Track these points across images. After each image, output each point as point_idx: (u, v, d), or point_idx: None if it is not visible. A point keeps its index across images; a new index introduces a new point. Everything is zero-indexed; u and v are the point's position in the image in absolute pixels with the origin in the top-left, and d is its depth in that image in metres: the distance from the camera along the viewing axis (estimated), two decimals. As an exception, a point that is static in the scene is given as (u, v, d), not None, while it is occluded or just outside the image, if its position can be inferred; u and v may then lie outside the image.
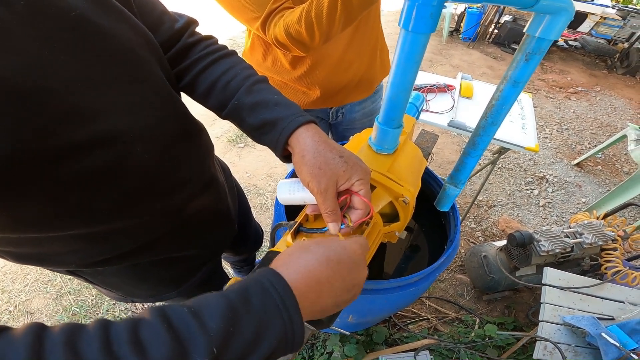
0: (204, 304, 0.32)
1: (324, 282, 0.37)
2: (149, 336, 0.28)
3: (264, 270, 0.37)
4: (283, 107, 0.53)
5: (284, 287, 0.34)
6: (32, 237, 0.45)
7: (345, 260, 0.40)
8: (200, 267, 0.76)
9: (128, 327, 0.29)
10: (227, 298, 0.33)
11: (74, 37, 0.38)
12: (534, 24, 0.45)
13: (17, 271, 1.74)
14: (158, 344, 0.28)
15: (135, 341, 0.28)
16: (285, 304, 0.33)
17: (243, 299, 0.33)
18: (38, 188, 0.37)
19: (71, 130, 0.38)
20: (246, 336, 0.31)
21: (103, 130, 0.41)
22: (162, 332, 0.29)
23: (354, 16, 0.76)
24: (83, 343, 0.27)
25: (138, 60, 0.46)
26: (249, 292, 0.34)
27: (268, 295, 0.33)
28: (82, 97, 0.38)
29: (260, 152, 2.50)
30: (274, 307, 0.33)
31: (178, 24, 0.59)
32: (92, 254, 0.53)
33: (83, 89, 0.39)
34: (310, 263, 0.38)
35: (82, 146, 0.39)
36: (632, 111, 3.56)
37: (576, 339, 1.14)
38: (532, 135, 1.45)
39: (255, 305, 0.33)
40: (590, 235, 1.33)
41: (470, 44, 4.62)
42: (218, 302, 0.32)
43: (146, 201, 0.51)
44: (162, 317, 0.30)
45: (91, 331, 0.28)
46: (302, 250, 0.40)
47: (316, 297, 0.37)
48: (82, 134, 0.39)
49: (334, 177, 0.47)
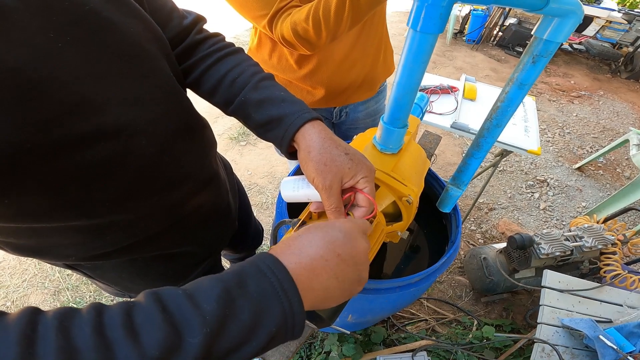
0: (199, 287, 0.31)
1: (324, 264, 0.36)
2: (143, 320, 0.28)
3: (260, 254, 0.36)
4: (289, 103, 0.54)
5: (282, 270, 0.33)
6: (30, 227, 0.45)
7: (341, 237, 0.38)
8: (199, 263, 0.76)
9: (122, 311, 0.28)
10: (222, 281, 0.32)
11: (85, 31, 0.38)
12: (542, 26, 0.45)
13: (16, 266, 1.74)
14: (152, 328, 0.28)
15: (128, 325, 0.27)
16: (283, 287, 0.32)
17: (238, 281, 0.32)
18: (38, 178, 0.38)
19: (77, 122, 0.38)
20: (243, 320, 0.30)
21: (108, 123, 0.41)
22: (156, 315, 0.28)
23: (362, 16, 0.76)
24: (75, 327, 0.27)
25: (146, 55, 0.46)
26: (245, 274, 0.33)
27: (265, 279, 0.32)
28: (89, 89, 0.39)
29: (261, 150, 2.50)
30: (271, 291, 0.32)
31: (186, 20, 0.59)
32: (91, 247, 0.53)
33: (90, 81, 0.39)
34: (308, 246, 0.36)
35: (86, 138, 0.39)
36: (635, 116, 3.56)
37: (574, 342, 1.14)
38: (535, 138, 1.45)
39: (252, 288, 0.32)
40: (590, 239, 1.33)
41: (474, 46, 4.61)
42: (213, 285, 0.31)
43: (146, 195, 0.51)
44: (156, 300, 0.30)
45: (85, 315, 0.28)
46: (300, 234, 0.39)
47: (316, 280, 0.35)
48: (88, 126, 0.39)
49: (339, 174, 0.47)
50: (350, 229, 0.40)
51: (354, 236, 0.40)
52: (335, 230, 0.39)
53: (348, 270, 0.38)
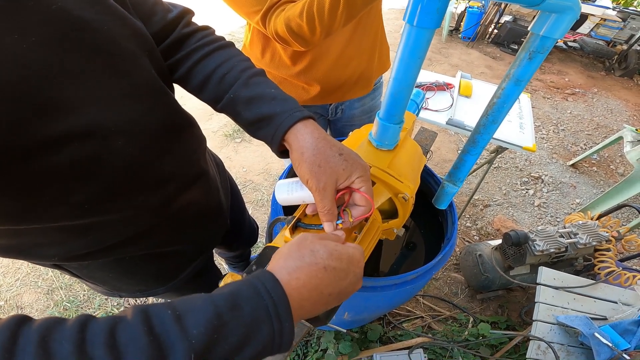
0: (190, 309, 0.31)
1: (324, 291, 0.37)
2: (127, 339, 0.28)
3: (261, 272, 0.36)
4: (280, 101, 0.52)
5: (281, 294, 0.34)
6: (11, 228, 0.43)
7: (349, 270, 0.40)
8: (190, 263, 0.75)
9: (106, 328, 0.28)
10: (215, 304, 0.32)
11: (54, 31, 0.37)
12: (539, 23, 0.44)
13: (9, 265, 1.72)
14: (135, 349, 0.27)
15: (111, 344, 0.27)
16: (277, 311, 0.33)
17: (233, 305, 0.32)
18: (8, 182, 0.36)
19: (46, 124, 0.37)
20: (231, 342, 0.31)
21: (80, 124, 0.40)
22: (141, 335, 0.28)
23: (356, 12, 0.75)
24: (56, 343, 0.26)
25: (123, 52, 0.44)
26: (241, 297, 0.33)
27: (260, 302, 0.33)
28: (59, 90, 0.37)
29: (257, 147, 2.49)
30: (264, 314, 0.33)
31: (171, 14, 0.57)
32: (73, 247, 0.52)
33: (60, 82, 0.38)
34: (313, 270, 0.37)
35: (57, 140, 0.38)
36: (629, 113, 3.59)
37: (569, 339, 1.15)
38: (530, 135, 1.45)
39: (245, 313, 0.32)
40: (584, 236, 1.34)
41: (470, 44, 4.62)
42: (205, 307, 0.31)
43: (128, 195, 0.50)
44: (143, 319, 0.29)
45: (68, 330, 0.27)
46: (307, 252, 0.39)
47: (312, 305, 0.37)
48: (57, 127, 0.38)
49: (334, 175, 0.46)
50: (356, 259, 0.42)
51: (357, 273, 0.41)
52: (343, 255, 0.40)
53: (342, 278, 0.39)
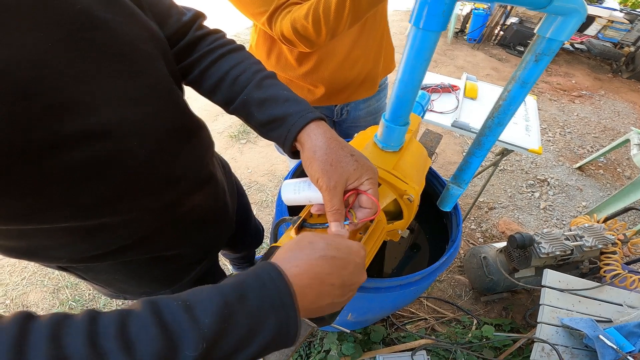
0: (198, 299, 0.32)
1: (325, 280, 0.37)
2: (138, 331, 0.28)
3: (264, 264, 0.36)
4: (293, 103, 0.53)
5: (284, 283, 0.34)
6: (19, 229, 0.44)
7: (349, 260, 0.40)
8: (195, 265, 0.75)
9: (116, 320, 0.28)
10: (223, 293, 0.32)
11: (75, 30, 0.37)
12: (545, 25, 0.44)
13: (15, 264, 1.74)
14: (147, 340, 0.27)
15: (122, 336, 0.27)
16: (282, 301, 0.33)
17: (239, 294, 0.33)
18: (23, 179, 0.37)
19: (62, 122, 0.37)
20: (239, 332, 0.31)
21: (95, 123, 0.40)
22: (152, 326, 0.28)
23: (362, 14, 0.76)
24: (68, 336, 0.26)
25: (140, 54, 0.45)
26: (247, 287, 0.33)
27: (266, 292, 0.33)
28: (77, 89, 0.38)
29: (262, 148, 2.50)
30: (270, 304, 0.33)
31: (185, 17, 0.58)
32: (81, 249, 0.52)
33: (79, 81, 0.38)
34: (312, 259, 0.37)
35: (73, 139, 0.38)
36: (636, 115, 3.56)
37: (574, 341, 1.14)
38: (536, 137, 1.44)
39: (252, 302, 0.32)
40: (590, 239, 1.33)
41: (475, 45, 4.60)
42: (213, 297, 0.32)
43: (138, 197, 0.50)
44: (153, 310, 0.29)
45: (78, 323, 0.27)
46: (305, 244, 0.39)
47: (315, 295, 0.37)
48: (72, 127, 0.38)
49: (345, 175, 0.47)
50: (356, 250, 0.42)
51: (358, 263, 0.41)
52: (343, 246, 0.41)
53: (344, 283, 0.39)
